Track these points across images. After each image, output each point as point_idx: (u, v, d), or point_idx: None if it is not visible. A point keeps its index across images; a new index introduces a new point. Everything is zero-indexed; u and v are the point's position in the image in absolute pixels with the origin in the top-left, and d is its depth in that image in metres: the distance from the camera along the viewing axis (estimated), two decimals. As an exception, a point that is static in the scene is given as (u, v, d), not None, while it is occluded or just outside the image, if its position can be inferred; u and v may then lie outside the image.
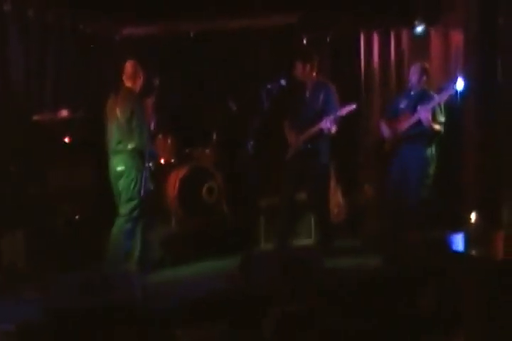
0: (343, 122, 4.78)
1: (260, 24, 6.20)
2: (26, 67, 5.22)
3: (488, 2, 4.25)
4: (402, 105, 4.86)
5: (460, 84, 5.31)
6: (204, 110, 5.95)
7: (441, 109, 4.71)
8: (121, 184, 4.34)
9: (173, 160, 5.45)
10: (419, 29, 5.86)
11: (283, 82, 4.69)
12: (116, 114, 4.34)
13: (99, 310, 3.23)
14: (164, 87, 4.66)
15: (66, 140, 4.99)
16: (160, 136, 5.33)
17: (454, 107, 5.22)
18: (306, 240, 5.20)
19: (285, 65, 5.25)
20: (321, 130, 4.71)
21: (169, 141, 5.43)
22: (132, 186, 4.30)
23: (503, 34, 4.09)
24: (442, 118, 4.70)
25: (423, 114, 4.56)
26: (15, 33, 5.13)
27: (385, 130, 4.92)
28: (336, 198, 5.30)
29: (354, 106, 4.69)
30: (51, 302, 3.33)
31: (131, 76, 4.42)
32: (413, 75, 4.85)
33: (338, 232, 5.07)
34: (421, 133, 4.67)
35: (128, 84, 4.42)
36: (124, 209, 4.33)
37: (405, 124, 4.73)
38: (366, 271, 4.18)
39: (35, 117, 5.02)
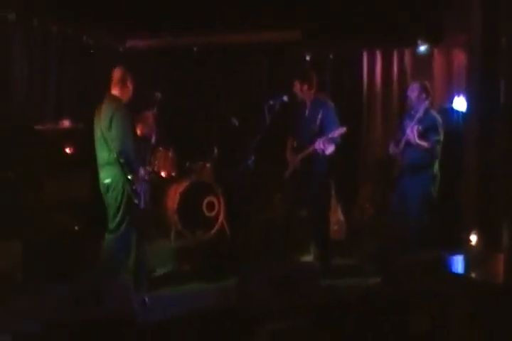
0: (345, 141, 4.75)
1: (264, 40, 6.24)
2: (29, 77, 5.24)
3: (492, 23, 4.28)
4: (405, 124, 4.73)
5: (462, 105, 5.32)
6: (206, 124, 5.95)
7: (434, 126, 4.53)
8: (108, 198, 4.11)
9: (173, 174, 5.44)
10: (422, 48, 5.88)
11: (285, 98, 4.70)
12: (101, 123, 4.09)
13: (94, 322, 3.21)
14: (166, 100, 4.64)
15: (67, 150, 4.98)
16: (161, 150, 5.33)
17: (454, 127, 5.22)
18: (305, 257, 5.16)
19: (287, 82, 5.26)
20: (316, 151, 4.67)
21: (170, 155, 5.43)
22: (119, 200, 4.05)
23: (506, 55, 4.10)
24: (436, 137, 4.50)
25: (408, 131, 4.46)
26: (18, 42, 5.15)
27: (392, 150, 4.74)
28: (336, 216, 5.28)
29: (345, 129, 4.61)
30: (47, 313, 3.29)
31: (117, 83, 4.16)
32: (412, 93, 4.69)
33: (338, 250, 5.04)
34: (420, 154, 4.51)
35: (114, 91, 4.17)
36: (111, 224, 4.12)
37: (402, 144, 4.60)
38: (363, 290, 4.15)
39: (37, 127, 5.03)
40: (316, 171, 4.76)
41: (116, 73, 4.19)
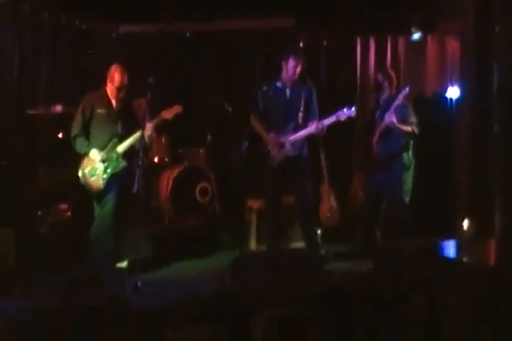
0: (339, 128, 4.68)
1: (257, 26, 6.21)
2: (21, 61, 5.20)
3: (485, 10, 4.27)
4: (377, 113, 4.83)
5: (455, 92, 5.35)
6: (199, 110, 5.94)
7: (409, 110, 4.67)
8: None
9: (166, 160, 5.43)
10: (416, 36, 5.88)
11: (279, 84, 4.67)
12: None
13: (88, 308, 3.22)
14: (159, 86, 4.62)
15: (59, 136, 4.95)
16: (154, 135, 5.30)
17: (447, 115, 5.26)
18: (298, 243, 5.18)
19: (280, 67, 5.22)
20: (312, 134, 4.55)
21: (163, 140, 5.41)
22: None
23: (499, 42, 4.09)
24: (413, 119, 4.65)
25: (387, 118, 4.54)
26: (10, 27, 5.11)
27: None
28: (329, 202, 5.30)
29: (354, 112, 4.47)
30: (40, 300, 3.30)
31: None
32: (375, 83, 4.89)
33: (331, 237, 5.06)
34: (396, 139, 4.67)
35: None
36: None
37: (378, 131, 4.70)
38: (357, 275, 4.19)
39: (29, 111, 5.00)
40: (303, 156, 4.66)
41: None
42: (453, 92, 5.46)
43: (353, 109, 4.47)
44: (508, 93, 3.57)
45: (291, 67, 4.57)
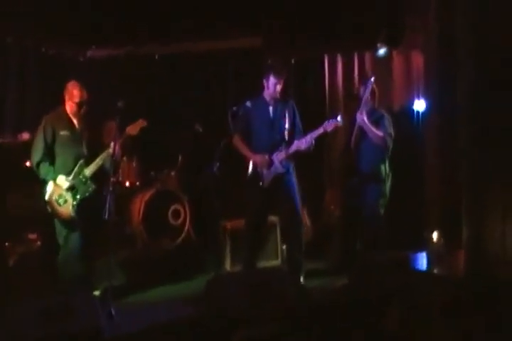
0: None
1: (225, 47, 6.25)
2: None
3: (447, 24, 4.36)
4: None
5: (422, 106, 5.42)
6: (169, 132, 5.92)
7: (387, 121, 4.66)
8: None
9: (138, 183, 5.39)
10: (382, 51, 5.95)
11: (248, 103, 4.64)
12: None
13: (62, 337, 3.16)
14: (129, 109, 4.60)
15: (27, 164, 4.88)
16: (125, 159, 5.27)
17: (414, 128, 5.32)
18: (272, 262, 5.15)
19: (251, 87, 5.26)
20: (300, 150, 4.47)
21: (134, 164, 5.38)
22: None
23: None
24: (390, 130, 4.64)
25: (358, 117, 4.50)
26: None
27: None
28: (302, 218, 5.27)
29: (340, 121, 4.36)
30: (13, 329, 3.22)
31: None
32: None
33: (304, 252, 5.04)
34: (370, 147, 4.63)
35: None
36: None
37: (354, 135, 4.67)
38: (332, 291, 4.17)
39: (-4, 140, 4.94)
40: (291, 173, 4.61)
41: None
42: (420, 105, 5.54)
43: (339, 118, 4.40)
44: (470, 105, 3.63)
45: (272, 85, 4.53)
